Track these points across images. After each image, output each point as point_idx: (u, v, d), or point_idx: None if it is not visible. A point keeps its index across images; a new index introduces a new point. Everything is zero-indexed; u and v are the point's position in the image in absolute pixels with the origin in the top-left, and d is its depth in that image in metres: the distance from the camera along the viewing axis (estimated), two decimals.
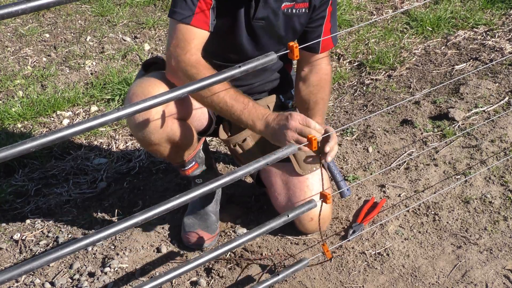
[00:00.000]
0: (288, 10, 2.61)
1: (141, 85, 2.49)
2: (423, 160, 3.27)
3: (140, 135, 2.50)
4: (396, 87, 4.04)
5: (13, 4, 1.17)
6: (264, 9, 2.57)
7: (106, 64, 4.58)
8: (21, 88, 4.31)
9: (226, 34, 2.62)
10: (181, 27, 2.44)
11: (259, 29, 2.62)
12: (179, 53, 2.42)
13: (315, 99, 2.77)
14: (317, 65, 2.78)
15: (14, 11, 1.15)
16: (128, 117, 2.54)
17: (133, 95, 2.47)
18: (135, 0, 5.52)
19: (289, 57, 1.87)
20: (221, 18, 2.55)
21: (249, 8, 2.57)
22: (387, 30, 4.74)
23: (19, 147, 1.33)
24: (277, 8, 2.58)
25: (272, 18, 2.60)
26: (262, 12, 2.57)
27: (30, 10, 1.19)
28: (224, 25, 2.59)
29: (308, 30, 2.73)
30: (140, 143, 2.62)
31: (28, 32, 5.08)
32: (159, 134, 2.48)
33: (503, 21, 4.76)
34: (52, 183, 3.41)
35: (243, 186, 3.20)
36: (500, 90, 3.82)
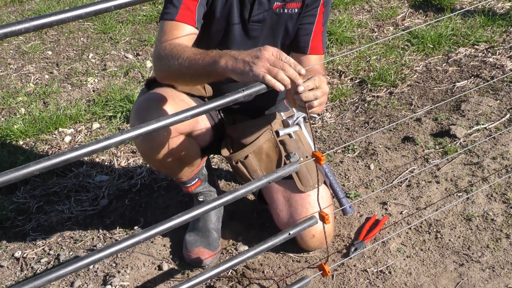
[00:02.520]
0: (279, 10, 2.60)
1: (147, 101, 2.50)
2: (425, 177, 3.27)
3: (146, 151, 2.51)
4: (397, 104, 4.05)
5: (16, 22, 1.18)
6: (259, 10, 2.58)
7: (108, 81, 4.59)
8: (23, 105, 4.32)
9: (221, 38, 2.63)
10: (166, 23, 2.44)
11: (255, 31, 2.63)
12: (161, 42, 2.42)
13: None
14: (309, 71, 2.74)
15: (17, 30, 1.15)
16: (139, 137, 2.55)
17: (139, 111, 2.48)
18: (137, 18, 5.55)
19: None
20: (216, 21, 2.57)
21: (244, 10, 2.58)
22: (388, 47, 4.76)
23: (22, 170, 1.34)
24: (269, 8, 2.59)
25: (266, 19, 2.61)
26: (257, 13, 2.58)
27: (34, 29, 1.20)
28: (219, 29, 2.60)
29: (298, 28, 2.70)
30: (145, 159, 2.63)
31: (31, 50, 5.10)
32: (164, 149, 2.49)
33: (504, 39, 4.77)
34: (54, 200, 3.41)
35: (244, 202, 3.20)
36: (502, 107, 3.82)
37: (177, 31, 2.43)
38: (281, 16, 2.61)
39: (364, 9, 5.55)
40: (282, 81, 1.95)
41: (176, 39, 2.39)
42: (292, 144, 2.79)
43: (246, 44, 2.63)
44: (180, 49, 2.30)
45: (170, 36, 2.41)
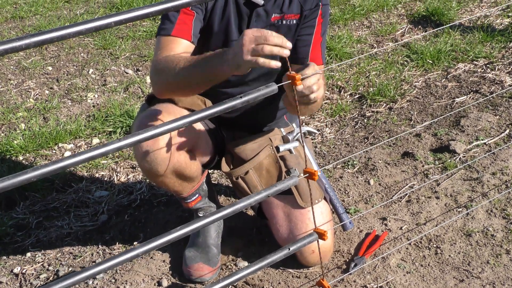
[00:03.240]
0: (277, 22, 2.61)
1: (149, 116, 2.51)
2: (425, 193, 3.26)
3: (147, 166, 2.51)
4: (397, 120, 4.05)
5: (17, 38, 1.18)
6: (257, 23, 2.58)
7: (108, 96, 4.60)
8: (23, 120, 4.33)
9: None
10: (163, 39, 2.49)
11: None
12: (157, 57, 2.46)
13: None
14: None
15: (18, 46, 1.16)
16: (135, 148, 2.55)
17: (141, 126, 2.48)
18: (137, 33, 5.56)
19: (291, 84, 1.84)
20: (214, 36, 2.58)
21: (242, 24, 2.59)
22: (387, 63, 4.77)
23: (20, 177, 1.33)
24: (267, 21, 2.59)
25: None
26: (255, 26, 2.58)
27: (34, 45, 1.20)
28: (218, 44, 2.60)
29: (297, 39, 2.70)
30: (146, 175, 2.62)
31: (31, 65, 5.11)
32: (166, 165, 2.49)
33: (503, 54, 4.78)
34: (53, 216, 3.40)
35: (244, 218, 3.20)
36: (501, 122, 3.83)
37: (173, 45, 2.46)
38: (280, 28, 2.61)
39: (363, 25, 5.57)
40: (271, 52, 1.98)
41: (172, 53, 2.41)
42: (292, 160, 2.79)
43: None
44: (175, 59, 2.34)
45: (166, 50, 2.44)
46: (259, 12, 2.57)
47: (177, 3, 1.38)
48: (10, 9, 6.44)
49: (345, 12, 5.74)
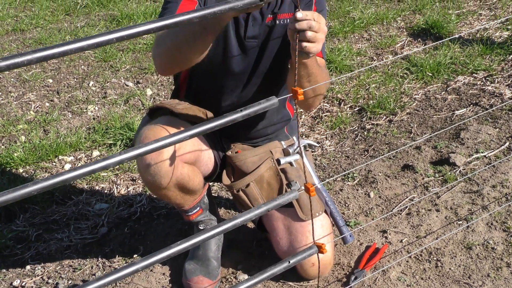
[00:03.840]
0: (271, 22, 2.61)
1: (152, 129, 2.51)
2: (425, 206, 3.26)
3: (150, 179, 2.50)
4: (397, 132, 4.06)
5: (19, 54, 1.19)
6: (254, 27, 2.59)
7: (108, 109, 4.61)
8: (23, 133, 4.33)
9: (221, 57, 2.63)
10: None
11: (252, 47, 2.63)
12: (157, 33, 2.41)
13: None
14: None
15: (20, 62, 1.16)
16: (138, 161, 2.55)
17: (145, 139, 2.48)
18: (138, 46, 5.58)
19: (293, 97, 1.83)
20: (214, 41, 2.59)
21: (239, 28, 2.60)
22: (387, 75, 4.78)
23: (20, 190, 1.33)
24: (262, 23, 2.60)
25: (262, 34, 2.61)
26: (252, 30, 2.59)
27: (36, 61, 1.20)
28: (218, 50, 2.61)
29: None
30: (149, 187, 2.62)
31: (32, 78, 5.12)
32: (169, 177, 2.49)
33: (502, 67, 4.80)
34: (53, 229, 3.40)
35: (244, 231, 3.19)
36: (501, 135, 3.83)
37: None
38: (274, 28, 2.62)
39: (363, 38, 5.58)
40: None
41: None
42: (293, 173, 2.80)
43: (244, 61, 2.65)
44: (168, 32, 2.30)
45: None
46: (255, 16, 2.58)
47: (177, 20, 1.38)
48: (11, 22, 6.46)
49: (344, 25, 5.76)
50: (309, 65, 2.30)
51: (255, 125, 2.87)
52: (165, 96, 4.75)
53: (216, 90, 2.75)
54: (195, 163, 2.64)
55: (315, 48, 2.11)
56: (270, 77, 2.72)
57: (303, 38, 2.07)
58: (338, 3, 6.37)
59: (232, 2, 1.46)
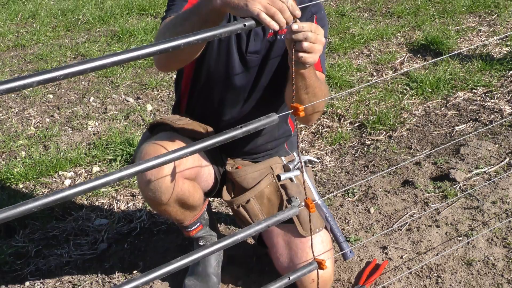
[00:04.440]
0: (272, 37, 2.61)
1: (153, 145, 2.51)
2: (425, 221, 3.26)
3: (151, 195, 2.50)
4: (397, 148, 4.06)
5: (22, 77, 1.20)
6: (256, 42, 2.60)
7: (108, 124, 4.61)
8: (23, 148, 4.34)
9: (223, 72, 2.64)
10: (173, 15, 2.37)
11: (253, 62, 2.64)
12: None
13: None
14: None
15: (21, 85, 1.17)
16: (138, 176, 2.55)
17: (145, 155, 2.48)
18: (138, 62, 5.59)
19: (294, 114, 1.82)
20: (215, 57, 2.59)
21: (241, 43, 2.60)
22: (387, 91, 4.79)
23: (20, 207, 1.33)
24: (264, 37, 2.61)
25: (263, 49, 2.62)
26: (254, 45, 2.60)
27: (37, 84, 1.21)
28: (219, 64, 2.61)
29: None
30: (149, 203, 2.61)
31: (32, 93, 5.13)
32: (169, 194, 2.49)
33: (502, 83, 4.81)
34: (53, 244, 3.39)
35: (244, 247, 3.19)
36: (501, 151, 3.83)
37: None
38: (275, 43, 2.63)
39: (363, 54, 5.60)
40: (278, 22, 1.89)
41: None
42: (294, 188, 2.79)
43: (246, 76, 2.65)
44: (174, 17, 2.27)
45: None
46: (257, 31, 2.59)
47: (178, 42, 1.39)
48: (12, 38, 6.49)
49: (344, 40, 5.78)
50: (307, 77, 2.29)
51: (256, 141, 2.87)
52: (165, 112, 4.76)
53: (217, 104, 2.75)
54: (196, 178, 2.64)
55: (311, 58, 2.11)
56: (271, 92, 2.73)
57: (299, 49, 2.07)
58: (338, 19, 6.39)
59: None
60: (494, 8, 6.37)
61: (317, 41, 2.08)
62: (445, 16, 6.27)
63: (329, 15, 6.50)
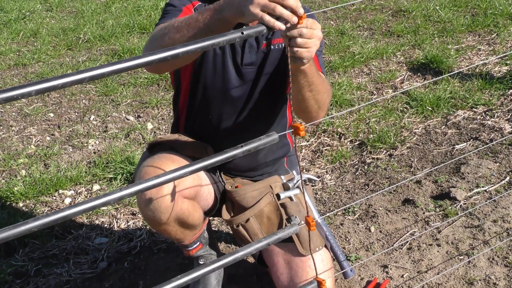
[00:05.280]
0: (266, 48, 2.62)
1: (152, 165, 2.51)
2: (426, 240, 3.25)
3: (150, 214, 2.50)
4: (397, 166, 4.06)
5: (21, 86, 1.20)
6: (251, 54, 2.60)
7: (109, 143, 4.62)
8: (24, 167, 4.34)
9: (220, 85, 2.64)
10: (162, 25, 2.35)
11: (249, 74, 2.64)
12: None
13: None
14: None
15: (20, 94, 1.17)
16: (138, 196, 2.54)
17: (145, 175, 2.48)
18: (139, 80, 5.61)
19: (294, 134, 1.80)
20: (210, 70, 2.59)
21: (236, 56, 2.61)
22: (387, 110, 4.80)
23: (21, 227, 1.33)
24: (258, 49, 2.61)
25: (258, 60, 2.63)
26: (249, 57, 2.60)
27: (36, 93, 1.21)
28: (216, 77, 2.62)
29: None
30: (149, 222, 2.61)
31: (33, 112, 5.14)
32: (169, 213, 2.48)
33: (502, 102, 4.82)
34: (53, 263, 3.38)
35: (244, 266, 3.18)
36: (501, 170, 3.83)
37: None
38: (270, 53, 2.63)
39: (363, 72, 5.62)
40: (281, 15, 1.87)
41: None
42: (293, 207, 2.79)
43: (242, 88, 2.66)
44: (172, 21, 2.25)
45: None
46: (251, 43, 2.60)
47: (177, 51, 1.40)
48: (13, 57, 6.51)
49: (344, 59, 5.80)
50: (309, 73, 2.28)
51: (255, 153, 2.87)
52: (165, 130, 4.76)
53: (215, 117, 2.75)
54: (195, 198, 2.64)
55: (307, 52, 2.09)
56: (268, 102, 2.73)
57: (294, 45, 2.07)
58: (338, 38, 6.42)
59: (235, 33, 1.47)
60: (494, 27, 6.39)
61: (313, 36, 2.06)
62: (444, 35, 6.30)
63: (329, 33, 6.53)
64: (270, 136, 1.75)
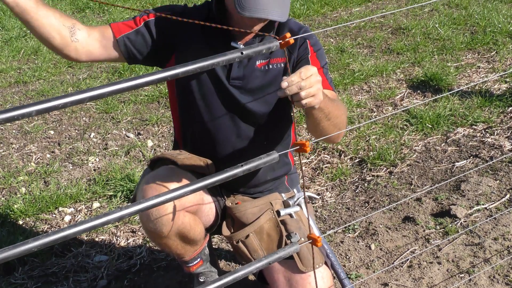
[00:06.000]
0: (264, 67, 2.63)
1: (154, 181, 2.51)
2: (426, 258, 3.24)
3: (152, 227, 2.50)
4: (397, 184, 4.06)
5: (21, 106, 1.20)
6: (239, 68, 2.61)
7: (109, 160, 4.62)
8: (24, 184, 4.33)
9: (205, 103, 2.65)
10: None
11: (237, 89, 2.64)
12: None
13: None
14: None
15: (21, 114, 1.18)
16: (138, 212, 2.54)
17: (146, 192, 2.49)
18: (139, 98, 5.62)
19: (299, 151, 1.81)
20: (197, 83, 2.60)
21: (224, 70, 2.62)
22: (387, 127, 4.80)
23: (20, 247, 1.33)
24: (252, 66, 2.61)
25: (248, 76, 2.62)
26: (237, 71, 2.61)
27: (36, 113, 1.22)
28: (202, 91, 2.62)
29: None
30: (150, 236, 2.61)
31: (33, 129, 5.15)
32: (170, 226, 2.49)
33: (501, 119, 4.82)
34: (52, 281, 3.37)
35: (245, 283, 3.17)
36: (501, 187, 3.83)
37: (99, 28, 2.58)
38: (269, 72, 2.63)
39: (363, 90, 5.63)
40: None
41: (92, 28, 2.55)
42: (293, 224, 2.79)
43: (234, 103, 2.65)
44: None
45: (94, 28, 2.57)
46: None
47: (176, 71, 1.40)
48: (14, 74, 6.53)
49: (344, 77, 5.81)
50: (323, 107, 2.29)
51: (255, 171, 2.87)
52: (166, 147, 4.77)
53: (209, 131, 2.75)
54: (197, 213, 2.64)
55: (315, 100, 2.12)
56: (269, 121, 2.73)
57: (298, 99, 2.09)
58: (338, 55, 6.44)
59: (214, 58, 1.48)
60: (493, 45, 6.42)
61: (312, 84, 2.08)
62: (444, 53, 6.32)
63: (329, 51, 6.55)
64: (270, 155, 1.76)
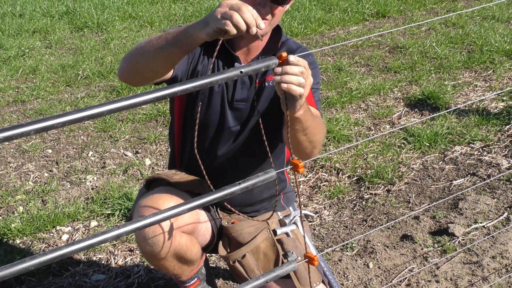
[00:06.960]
0: (260, 85, 2.64)
1: (151, 199, 2.51)
2: (424, 276, 3.24)
3: (148, 249, 2.49)
4: (395, 202, 4.06)
5: (19, 125, 1.20)
6: (242, 90, 2.62)
7: (107, 179, 4.61)
8: (21, 203, 4.33)
9: (208, 123, 2.66)
10: None
11: (241, 111, 2.65)
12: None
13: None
14: None
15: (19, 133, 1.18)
16: (136, 231, 2.53)
17: (143, 209, 2.49)
18: (137, 116, 5.63)
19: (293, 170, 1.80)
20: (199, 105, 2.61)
21: (228, 92, 2.62)
22: (385, 145, 4.81)
23: (18, 266, 1.33)
24: (251, 86, 2.63)
25: (250, 96, 2.63)
26: (240, 93, 2.62)
27: (35, 132, 1.22)
28: (204, 110, 2.63)
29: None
30: (147, 258, 2.60)
31: (31, 148, 5.15)
32: (167, 248, 2.48)
33: (499, 137, 4.83)
34: None
35: None
36: (499, 205, 3.83)
37: None
38: (264, 90, 2.64)
39: (360, 108, 5.64)
40: (237, 24, 1.94)
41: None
42: (290, 243, 2.78)
43: (235, 124, 2.66)
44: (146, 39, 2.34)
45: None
46: (244, 80, 2.62)
47: (175, 89, 1.41)
48: (12, 93, 6.54)
49: (342, 95, 5.83)
50: (303, 120, 2.29)
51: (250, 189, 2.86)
52: (163, 166, 4.77)
53: (208, 150, 2.76)
54: (193, 233, 2.64)
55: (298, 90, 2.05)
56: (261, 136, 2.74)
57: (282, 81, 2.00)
58: (335, 74, 6.46)
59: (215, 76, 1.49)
60: (490, 64, 6.45)
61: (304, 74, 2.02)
62: (441, 71, 6.34)
63: (327, 70, 6.57)
64: (268, 173, 1.76)
